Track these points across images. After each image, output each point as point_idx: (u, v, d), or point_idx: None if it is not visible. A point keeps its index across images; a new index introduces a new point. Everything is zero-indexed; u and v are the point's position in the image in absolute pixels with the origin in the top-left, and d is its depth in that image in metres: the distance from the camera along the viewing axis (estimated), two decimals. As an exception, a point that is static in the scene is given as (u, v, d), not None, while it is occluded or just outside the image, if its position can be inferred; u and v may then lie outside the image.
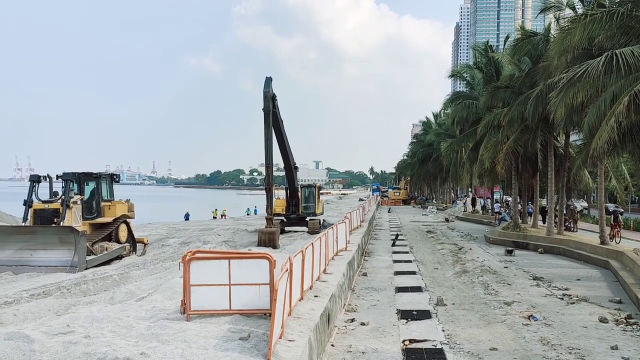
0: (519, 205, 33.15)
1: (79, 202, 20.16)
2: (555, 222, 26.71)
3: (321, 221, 34.28)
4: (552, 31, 25.54)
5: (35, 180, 20.14)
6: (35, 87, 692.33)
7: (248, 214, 59.72)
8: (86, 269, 17.89)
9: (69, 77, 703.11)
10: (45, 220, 19.29)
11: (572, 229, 29.93)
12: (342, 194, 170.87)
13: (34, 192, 19.93)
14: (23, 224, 19.65)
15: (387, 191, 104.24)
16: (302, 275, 9.23)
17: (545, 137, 26.93)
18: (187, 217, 52.02)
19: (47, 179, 20.61)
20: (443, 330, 10.79)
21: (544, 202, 37.38)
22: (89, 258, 18.57)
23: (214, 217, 54.88)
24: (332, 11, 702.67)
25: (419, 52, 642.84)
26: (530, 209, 34.42)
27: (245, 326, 7.55)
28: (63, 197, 19.57)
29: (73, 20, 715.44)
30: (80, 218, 20.11)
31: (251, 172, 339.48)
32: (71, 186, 20.07)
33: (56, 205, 19.50)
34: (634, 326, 11.05)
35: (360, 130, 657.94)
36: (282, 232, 31.16)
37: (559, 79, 18.23)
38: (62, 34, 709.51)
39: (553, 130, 26.44)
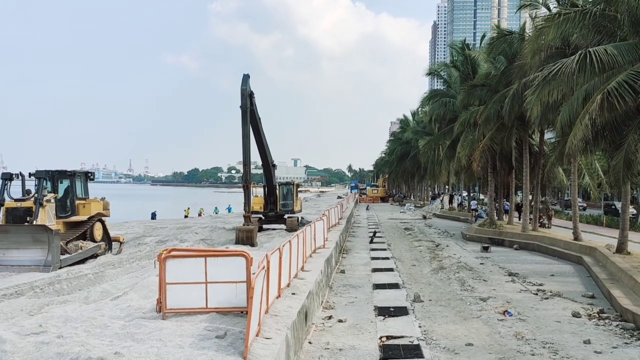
0: (495, 202, 33.55)
1: (52, 200, 19.81)
2: (530, 219, 27.08)
3: (299, 219, 34.27)
4: (527, 30, 25.87)
5: (7, 178, 19.72)
6: (5, 82, 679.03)
7: (217, 213, 58.25)
8: (60, 268, 17.58)
9: (41, 72, 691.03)
10: (17, 219, 18.92)
11: (546, 226, 30.39)
12: (320, 192, 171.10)
13: (5, 190, 19.54)
14: (-6, 223, 19.23)
15: (365, 189, 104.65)
16: (279, 273, 9.21)
17: (520, 135, 27.29)
18: (153, 216, 50.00)
19: (20, 177, 20.17)
20: (420, 327, 10.87)
21: (519, 199, 37.89)
22: (63, 257, 18.26)
23: (186, 216, 53.12)
24: (309, 9, 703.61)
25: (395, 50, 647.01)
26: (506, 206, 34.86)
27: (221, 324, 7.51)
28: (36, 195, 19.21)
29: (46, 13, 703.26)
30: (54, 216, 19.76)
31: (229, 170, 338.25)
32: (44, 184, 19.72)
33: (29, 203, 19.13)
34: (606, 320, 11.27)
35: (338, 127, 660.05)
36: (260, 229, 31.05)
37: (534, 77, 18.47)
38: (34, 26, 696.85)
39: (528, 128, 26.82)
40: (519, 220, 30.53)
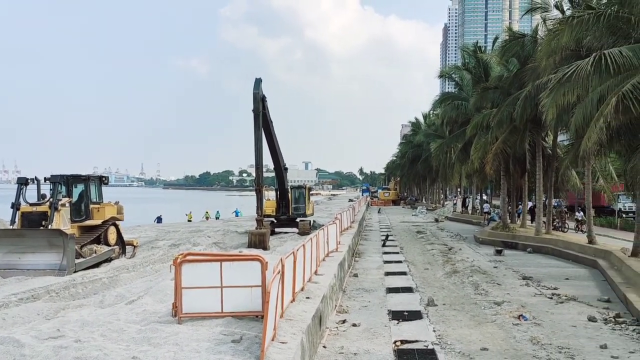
0: (508, 205, 33.32)
1: (67, 204, 19.94)
2: (544, 222, 26.89)
3: (311, 222, 34.25)
4: (539, 32, 25.74)
5: (22, 182, 19.85)
6: (20, 87, 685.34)
7: (217, 218, 56.67)
8: (75, 272, 17.70)
9: (52, 77, 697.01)
10: (33, 223, 19.04)
11: (562, 229, 30.15)
12: (331, 195, 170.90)
13: (21, 195, 19.68)
14: (11, 227, 19.37)
15: (376, 192, 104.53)
16: (293, 277, 9.22)
17: (533, 138, 27.13)
18: (159, 220, 49.35)
19: (35, 182, 20.35)
20: (434, 331, 10.83)
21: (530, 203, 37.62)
22: (77, 261, 18.38)
23: (189, 221, 51.78)
24: (317, 13, 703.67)
25: (405, 52, 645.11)
26: (519, 209, 34.64)
27: (237, 328, 7.54)
28: (51, 199, 19.36)
29: (55, 17, 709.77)
30: (69, 221, 19.90)
31: (240, 173, 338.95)
32: (59, 188, 19.84)
33: (44, 208, 19.27)
34: (622, 325, 11.16)
35: (349, 130, 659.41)
36: (273, 233, 31.08)
37: (548, 80, 18.38)
38: (45, 30, 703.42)
39: (541, 131, 26.65)
40: (532, 223, 30.32)
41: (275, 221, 33.30)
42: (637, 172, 15.54)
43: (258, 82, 27.23)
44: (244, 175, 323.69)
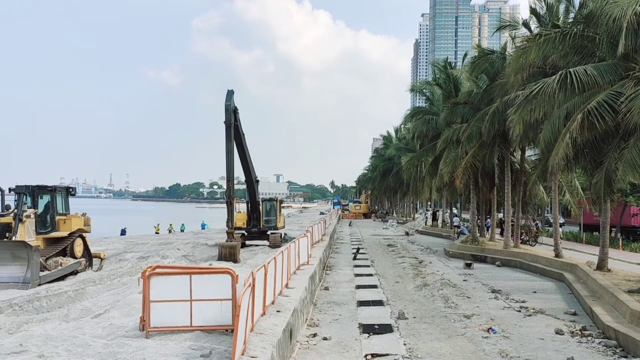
0: (477, 219, 33.76)
1: (32, 216, 19.46)
2: (513, 236, 27.30)
3: (282, 235, 34.16)
4: (508, 49, 26.31)
5: (-14, 193, 19.39)
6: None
7: (182, 230, 56.40)
8: (39, 285, 17.26)
9: (19, 86, 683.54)
10: (-4, 235, 18.56)
11: (529, 243, 30.62)
12: (303, 208, 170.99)
13: (-16, 206, 19.19)
14: (-27, 239, 18.81)
15: (348, 205, 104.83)
16: (264, 290, 9.16)
17: (502, 153, 27.59)
18: (123, 232, 48.60)
19: (-1, 192, 19.86)
20: (405, 344, 10.84)
21: (500, 215, 38.20)
22: (42, 274, 17.93)
23: (157, 233, 51.51)
24: (289, 26, 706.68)
25: (376, 67, 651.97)
26: (488, 223, 35.11)
27: (206, 343, 7.43)
28: (15, 210, 18.89)
29: (30, 24, 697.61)
30: (34, 232, 19.41)
31: (211, 185, 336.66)
32: (24, 199, 19.40)
33: (8, 219, 18.76)
34: (589, 337, 11.35)
35: (321, 143, 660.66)
36: (243, 246, 30.88)
37: (515, 96, 18.76)
38: (17, 39, 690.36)
39: (509, 146, 27.13)
40: (502, 236, 30.76)
41: (246, 234, 33.13)
42: (601, 187, 15.90)
43: (230, 94, 27.22)
44: (215, 187, 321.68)
